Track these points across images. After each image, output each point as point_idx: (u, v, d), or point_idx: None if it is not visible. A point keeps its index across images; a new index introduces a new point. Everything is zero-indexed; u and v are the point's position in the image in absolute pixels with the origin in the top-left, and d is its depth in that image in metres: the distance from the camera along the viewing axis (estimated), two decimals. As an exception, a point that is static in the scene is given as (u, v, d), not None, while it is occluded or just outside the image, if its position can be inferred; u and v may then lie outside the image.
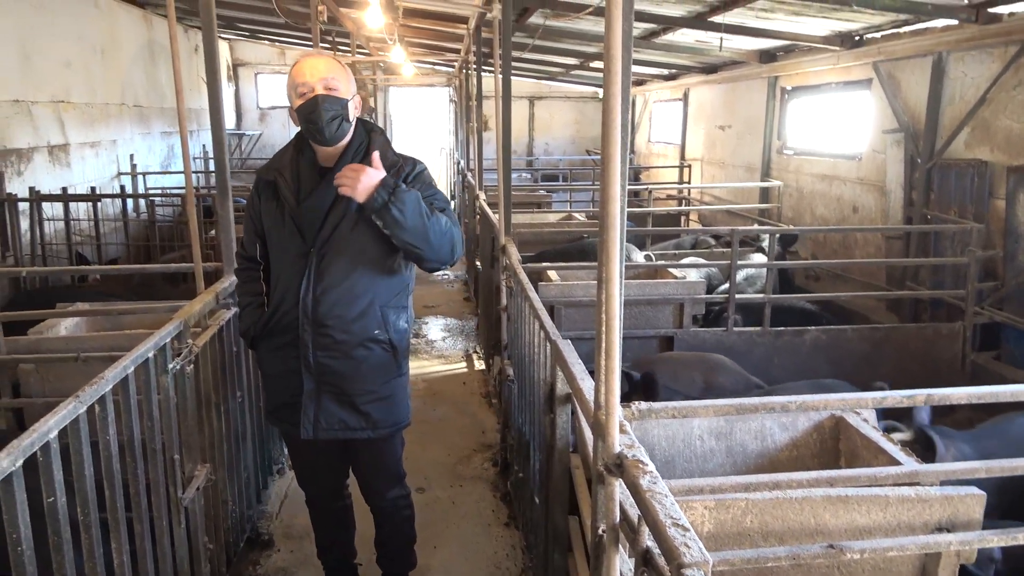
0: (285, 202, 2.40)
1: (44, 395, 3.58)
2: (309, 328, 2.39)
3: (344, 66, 2.38)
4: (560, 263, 5.16)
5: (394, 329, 2.46)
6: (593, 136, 16.69)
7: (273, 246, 2.48)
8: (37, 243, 6.82)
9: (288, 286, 2.41)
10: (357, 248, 2.36)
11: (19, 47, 7.21)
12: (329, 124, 2.30)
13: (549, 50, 9.60)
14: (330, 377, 2.44)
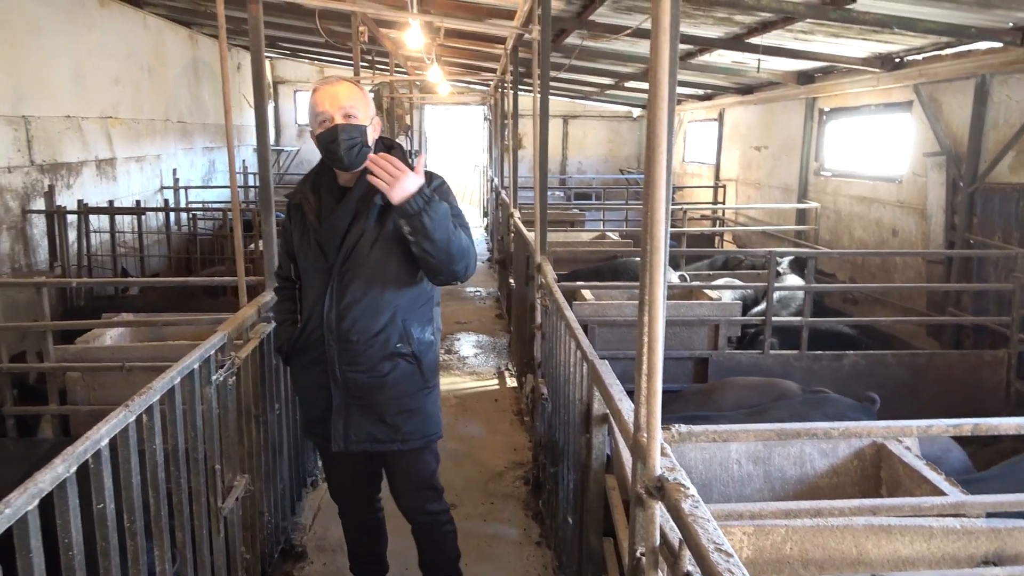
0: (309, 223, 2.48)
1: (89, 403, 3.69)
2: (334, 343, 2.45)
3: (363, 90, 2.43)
4: (594, 282, 5.16)
5: (418, 342, 2.50)
6: (626, 155, 16.70)
7: (302, 265, 2.56)
8: (84, 254, 7.00)
9: (315, 303, 2.48)
10: (377, 263, 2.41)
11: (72, 65, 7.47)
12: (348, 152, 2.36)
13: (584, 70, 9.65)
14: (357, 391, 2.49)
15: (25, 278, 6.42)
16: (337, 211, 2.42)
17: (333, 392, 2.49)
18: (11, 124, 6.39)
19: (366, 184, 2.37)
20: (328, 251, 2.43)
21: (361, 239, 2.39)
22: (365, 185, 2.38)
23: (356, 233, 2.39)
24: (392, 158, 2.26)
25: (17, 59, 6.49)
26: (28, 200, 6.62)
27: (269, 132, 16.00)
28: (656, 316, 1.50)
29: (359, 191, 2.41)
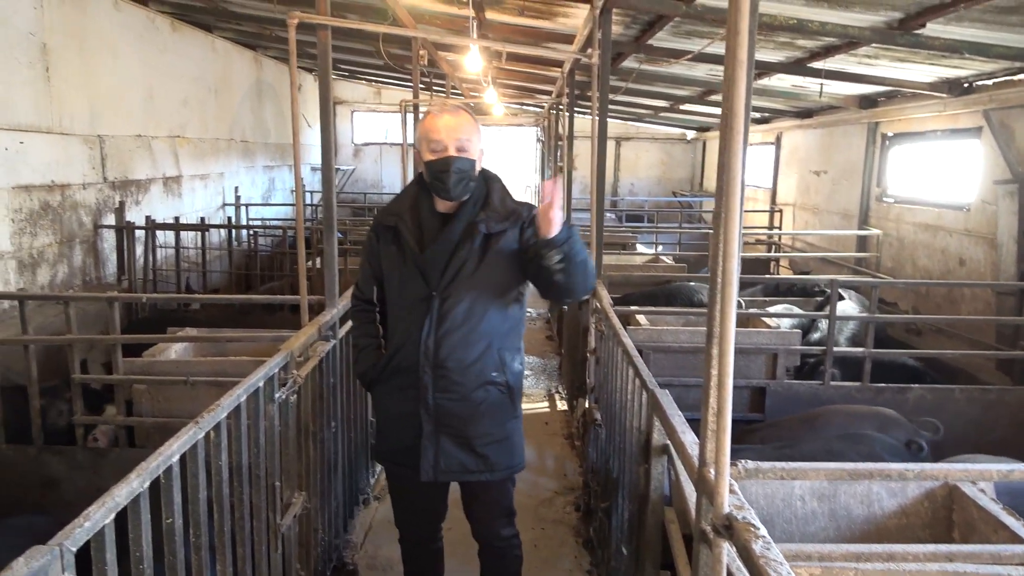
0: (407, 248, 2.47)
1: (153, 415, 3.80)
2: (429, 370, 2.44)
3: (476, 122, 2.46)
4: (649, 307, 5.11)
5: (510, 371, 2.50)
6: (679, 178, 16.57)
7: (393, 290, 2.54)
8: (150, 268, 7.25)
9: (409, 329, 2.46)
10: (477, 292, 2.42)
11: (144, 86, 7.78)
12: (456, 185, 2.40)
13: (639, 92, 9.63)
14: (449, 419, 2.48)
15: (95, 290, 6.68)
16: (441, 238, 2.43)
17: (423, 420, 2.47)
18: (87, 143, 6.68)
19: (470, 212, 2.43)
20: (430, 278, 2.42)
21: (463, 267, 2.41)
22: (469, 213, 2.44)
23: (459, 261, 2.40)
24: (554, 204, 2.24)
25: (95, 81, 6.79)
26: (100, 215, 6.90)
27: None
28: (727, 350, 1.48)
29: (463, 219, 2.44)
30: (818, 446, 3.43)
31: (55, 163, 6.19)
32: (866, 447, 3.45)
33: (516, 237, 2.45)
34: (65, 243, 6.37)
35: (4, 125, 5.57)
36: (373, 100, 16.45)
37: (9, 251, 5.67)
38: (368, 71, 13.24)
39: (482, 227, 2.41)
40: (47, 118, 6.09)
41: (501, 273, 2.43)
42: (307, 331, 3.06)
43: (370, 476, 4.33)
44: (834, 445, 3.49)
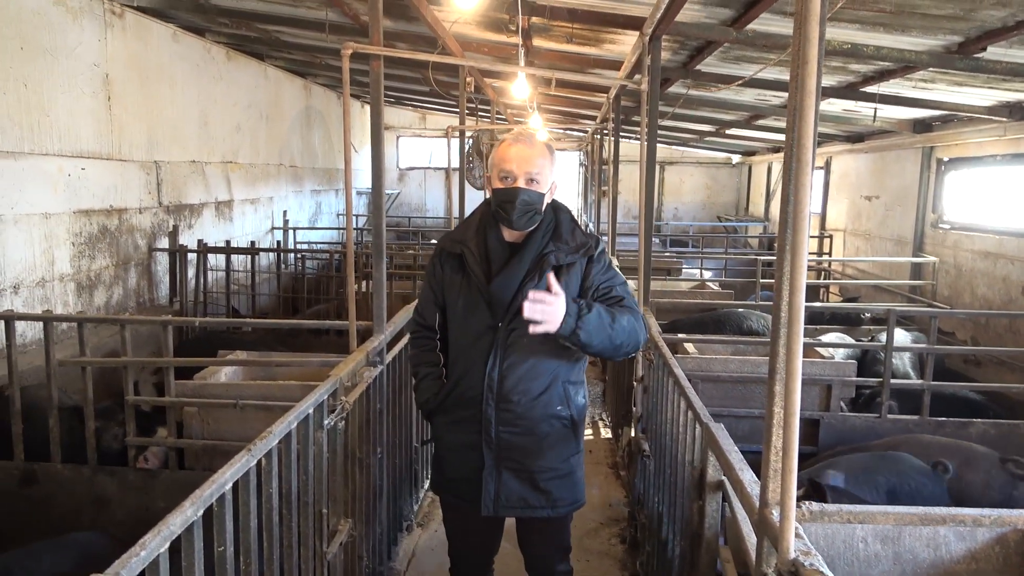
0: (473, 277, 2.44)
1: (203, 437, 3.84)
2: (493, 403, 2.41)
3: (552, 155, 2.42)
4: (696, 335, 5.01)
5: (575, 405, 2.46)
6: (724, 202, 16.40)
7: (456, 318, 2.51)
8: (201, 290, 7.40)
9: (473, 360, 2.43)
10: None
11: (199, 114, 8.02)
12: (520, 217, 2.37)
13: (684, 117, 9.59)
14: (511, 453, 2.44)
15: (148, 311, 6.85)
16: (509, 270, 2.40)
17: (485, 453, 2.44)
18: (144, 169, 6.89)
19: (538, 243, 2.41)
20: (497, 310, 2.39)
21: None
22: (538, 244, 2.41)
23: (527, 293, 2.32)
24: (542, 296, 2.19)
25: (153, 109, 7.02)
26: (154, 239, 7.09)
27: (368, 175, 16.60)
28: (794, 388, 1.42)
29: (532, 251, 2.41)
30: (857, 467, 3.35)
31: (113, 188, 6.39)
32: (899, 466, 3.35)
33: (582, 271, 2.42)
34: (121, 265, 6.56)
35: (68, 152, 5.78)
36: (418, 125, 16.69)
37: (69, 273, 5.84)
38: (414, 97, 13.46)
39: (552, 259, 2.38)
40: (107, 145, 6.30)
41: (569, 304, 2.35)
42: (355, 357, 3.07)
43: (413, 502, 4.31)
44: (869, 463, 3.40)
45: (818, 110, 1.58)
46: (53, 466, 3.81)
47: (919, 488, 3.13)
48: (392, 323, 3.67)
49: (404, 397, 3.89)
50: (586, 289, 2.42)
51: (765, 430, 1.62)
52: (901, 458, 3.50)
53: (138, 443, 3.82)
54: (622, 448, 4.99)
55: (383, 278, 3.44)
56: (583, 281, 2.42)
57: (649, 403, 3.73)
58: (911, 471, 3.12)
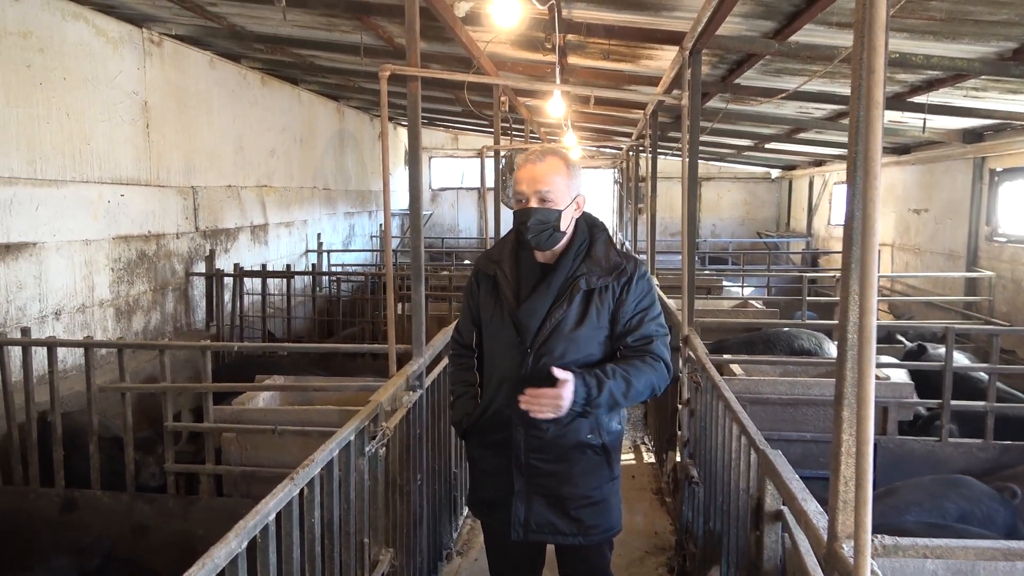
0: (504, 299, 2.43)
1: (241, 463, 3.85)
2: (522, 428, 2.38)
3: (568, 168, 2.39)
4: (743, 356, 4.92)
5: (607, 431, 2.41)
6: (764, 218, 16.20)
7: (489, 339, 2.51)
8: (237, 314, 7.49)
9: (502, 383, 2.42)
10: (575, 349, 2.35)
11: (235, 139, 8.17)
12: (536, 236, 2.35)
13: (723, 132, 9.51)
14: (541, 479, 2.41)
15: (185, 336, 6.95)
16: (537, 293, 2.39)
17: (515, 477, 2.42)
18: (182, 194, 7.02)
19: (570, 264, 2.38)
20: (525, 334, 2.37)
21: (561, 324, 2.35)
22: (569, 265, 2.38)
23: (556, 318, 2.34)
24: (539, 393, 2.21)
25: (190, 136, 7.17)
26: (191, 263, 7.20)
27: (403, 197, 16.73)
28: (867, 415, 1.36)
29: (563, 272, 2.38)
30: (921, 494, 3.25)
31: (151, 214, 6.52)
32: (968, 491, 3.24)
33: (616, 295, 2.37)
34: (159, 290, 6.67)
35: (108, 179, 5.92)
36: (450, 146, 16.82)
37: (108, 299, 5.96)
38: (446, 118, 13.57)
39: (583, 282, 2.34)
40: (146, 172, 6.44)
41: (600, 330, 2.35)
42: (395, 381, 3.05)
43: (453, 530, 4.27)
44: (935, 488, 3.29)
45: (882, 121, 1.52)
46: (93, 493, 3.86)
47: (991, 514, 3.01)
48: (430, 346, 3.65)
49: (443, 422, 3.86)
50: (616, 318, 2.37)
51: (832, 458, 1.56)
52: (967, 482, 3.37)
53: (178, 470, 3.84)
54: (667, 473, 4.89)
55: (422, 300, 3.43)
56: (616, 308, 2.37)
57: (697, 427, 3.65)
58: (981, 496, 2.99)
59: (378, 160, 13.99)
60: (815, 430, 4.32)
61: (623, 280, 2.37)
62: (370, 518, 2.72)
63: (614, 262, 2.39)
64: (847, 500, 1.52)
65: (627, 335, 2.37)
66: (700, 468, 3.54)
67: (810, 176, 13.46)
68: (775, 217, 16.14)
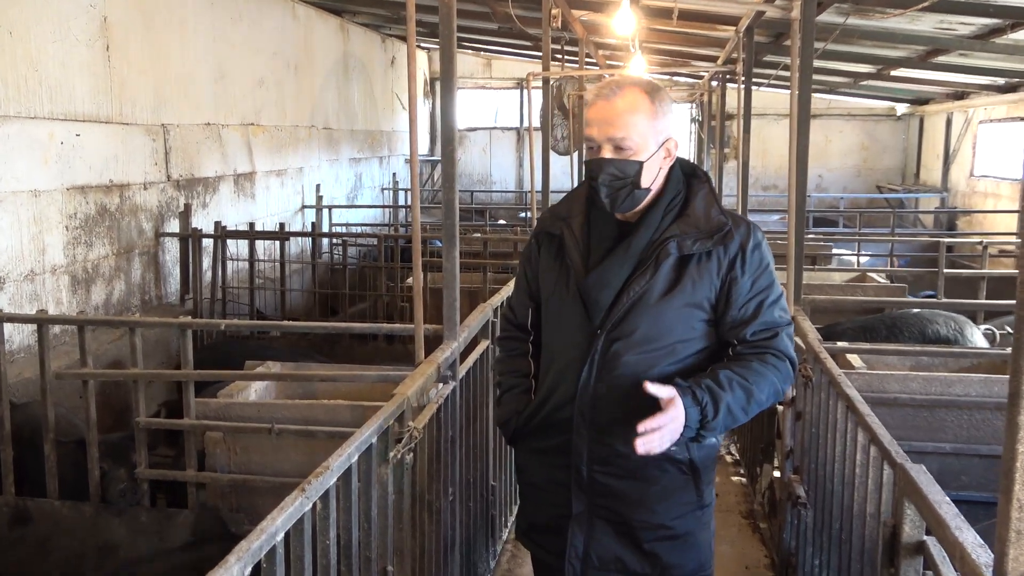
0: (571, 264, 2.38)
1: (229, 470, 3.91)
2: (586, 432, 2.34)
3: (653, 104, 2.29)
4: (863, 344, 4.84)
5: (697, 445, 2.34)
6: (886, 167, 15.90)
7: (549, 318, 2.47)
8: (218, 285, 7.60)
9: (564, 374, 2.38)
10: (657, 333, 2.28)
11: (215, 64, 8.23)
12: (612, 195, 2.28)
13: (836, 55, 9.32)
14: (607, 500, 2.37)
15: (156, 311, 7.08)
16: (612, 258, 2.32)
17: (574, 495, 2.38)
18: (150, 134, 7.11)
19: (655, 224, 2.31)
20: (593, 310, 2.32)
21: (640, 300, 2.27)
22: (654, 225, 2.31)
23: (635, 292, 2.27)
24: (655, 425, 2.12)
25: (160, 60, 7.24)
26: (162, 221, 7.31)
27: (424, 139, 16.72)
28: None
29: (646, 234, 2.31)
30: None
31: (113, 159, 6.61)
32: None
33: (720, 267, 2.29)
34: (123, 255, 6.79)
35: (60, 115, 6.00)
36: (482, 74, 16.78)
37: (62, 265, 6.08)
38: (477, 36, 13.48)
39: (672, 246, 2.26)
40: (106, 105, 6.52)
41: (695, 310, 2.27)
42: (424, 370, 3.06)
43: (490, 557, 4.30)
44: None
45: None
46: (50, 503, 3.95)
47: None
48: (465, 326, 3.65)
49: (480, 422, 3.87)
50: (728, 301, 2.29)
51: (1002, 476, 1.52)
52: None
53: (152, 477, 3.92)
54: (761, 492, 4.88)
55: (455, 268, 3.42)
56: (723, 287, 2.29)
57: (805, 434, 3.62)
58: None
59: (391, 93, 14.01)
60: (956, 439, 4.25)
61: (733, 249, 2.27)
62: (394, 540, 2.74)
63: (716, 222, 2.30)
64: (1021, 530, 1.49)
65: (743, 326, 2.29)
66: (809, 486, 3.50)
67: (948, 113, 13.15)
68: (900, 166, 15.83)
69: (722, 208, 2.35)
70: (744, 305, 2.29)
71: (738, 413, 2.22)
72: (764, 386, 2.24)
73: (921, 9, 5.46)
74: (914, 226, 13.18)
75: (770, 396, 2.28)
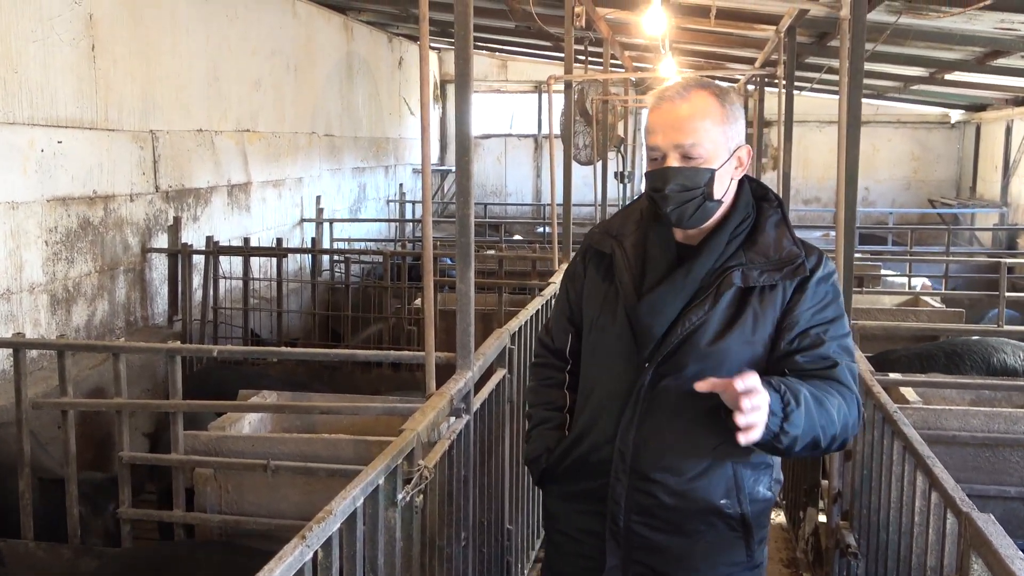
0: (620, 288, 2.35)
1: (220, 510, 3.90)
2: (624, 478, 2.32)
3: (724, 107, 2.26)
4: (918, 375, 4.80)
5: (750, 499, 2.32)
6: (939, 179, 15.85)
7: (591, 345, 2.45)
8: (210, 306, 7.61)
9: (603, 410, 2.36)
10: (712, 369, 2.22)
11: (209, 66, 8.28)
12: (678, 208, 2.24)
13: (885, 56, 9.30)
14: (645, 555, 2.34)
15: (142, 334, 7.09)
16: (668, 284, 2.29)
17: (608, 547, 2.36)
18: (137, 141, 7.14)
19: (720, 249, 2.27)
20: (643, 340, 2.28)
21: (697, 333, 2.24)
22: (718, 251, 2.27)
23: (692, 322, 2.24)
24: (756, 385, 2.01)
25: (150, 62, 7.29)
26: (149, 236, 7.33)
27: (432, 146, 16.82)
28: None
29: (708, 260, 2.27)
30: None
31: (98, 167, 6.64)
32: None
33: (785, 300, 2.25)
34: (106, 272, 6.81)
35: (42, 120, 6.04)
36: (497, 77, 16.84)
37: (41, 283, 6.09)
38: (491, 36, 13.53)
39: (737, 276, 2.23)
40: (91, 110, 6.56)
41: (756, 348, 2.23)
42: (436, 403, 3.03)
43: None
44: None
45: None
46: (24, 544, 3.94)
47: None
48: (480, 354, 3.63)
49: (496, 459, 3.84)
50: (784, 330, 2.25)
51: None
52: None
53: (136, 517, 3.91)
54: (804, 538, 4.82)
55: (470, 291, 3.40)
56: (783, 317, 2.25)
57: (856, 475, 3.60)
58: None
59: (398, 97, 14.07)
60: (1022, 483, 4.20)
61: (797, 279, 2.24)
62: (402, 592, 2.71)
63: (789, 253, 2.25)
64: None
65: (796, 353, 2.24)
66: (860, 534, 3.48)
67: (1008, 120, 13.08)
68: (954, 178, 15.77)
69: (795, 237, 2.30)
70: (801, 333, 2.24)
71: (817, 417, 2.12)
72: (834, 407, 2.16)
73: (981, 8, 5.43)
74: (970, 244, 13.08)
75: (841, 422, 2.19)
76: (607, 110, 9.95)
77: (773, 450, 2.16)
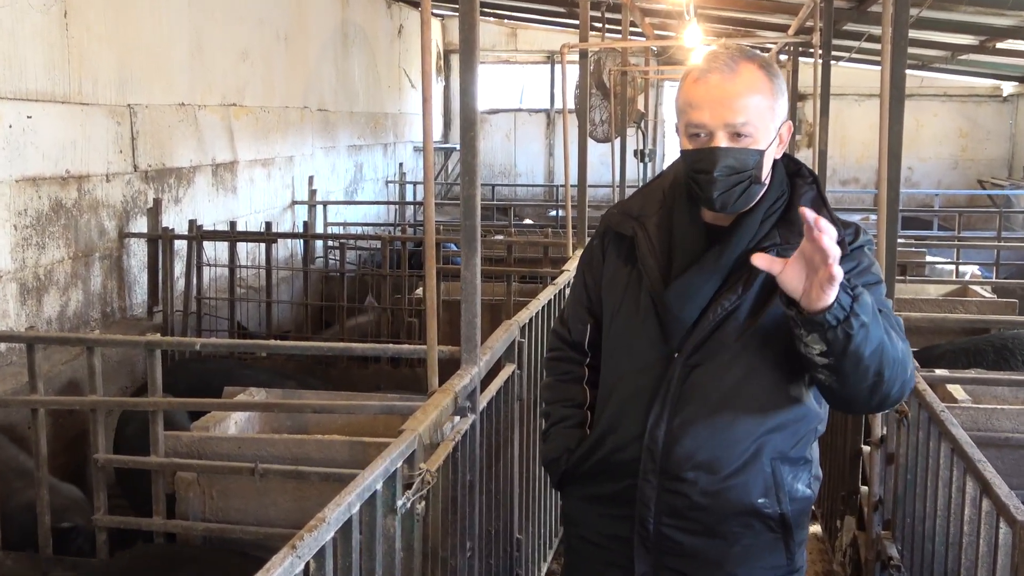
0: (645, 273, 2.35)
1: (203, 517, 3.91)
2: (654, 478, 2.32)
3: (772, 81, 2.24)
4: (967, 371, 4.78)
5: (790, 497, 2.33)
6: (990, 157, 15.81)
7: (614, 336, 2.45)
8: (192, 295, 7.61)
9: (629, 405, 2.36)
10: (747, 361, 2.25)
11: (192, 35, 8.29)
12: (724, 193, 2.21)
13: (931, 23, 9.28)
14: (677, 561, 2.35)
15: (119, 325, 7.11)
16: (699, 270, 2.28)
17: (636, 553, 2.37)
18: (114, 116, 7.14)
19: (753, 229, 2.27)
20: (672, 328, 2.29)
21: (728, 320, 2.25)
22: (751, 231, 2.26)
23: (723, 309, 2.24)
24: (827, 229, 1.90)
25: (127, 30, 7.28)
26: (127, 219, 7.34)
27: (436, 122, 16.80)
28: None
29: (741, 241, 2.26)
30: None
31: (71, 145, 6.64)
32: None
33: None
34: (80, 258, 6.81)
35: (10, 93, 6.04)
36: (505, 46, 16.83)
37: (10, 271, 6.10)
38: (500, 2, 13.55)
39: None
40: (63, 82, 6.56)
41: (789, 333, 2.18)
42: (438, 401, 3.02)
43: (517, 627, 4.27)
44: None
45: None
46: (-9, 554, 3.96)
47: None
48: (487, 348, 3.62)
49: (504, 462, 3.84)
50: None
51: None
52: None
53: (110, 525, 3.92)
54: (842, 549, 4.84)
55: (476, 279, 3.38)
56: None
57: (898, 481, 3.60)
58: None
59: (398, 68, 14.06)
60: None
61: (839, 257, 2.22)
62: (402, 608, 2.71)
63: None
64: None
65: None
66: (903, 544, 3.49)
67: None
68: (1006, 157, 15.75)
69: (832, 214, 2.26)
70: None
71: (881, 328, 2.04)
72: (894, 338, 2.10)
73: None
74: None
75: (902, 360, 2.12)
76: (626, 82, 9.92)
77: (843, 345, 2.01)
